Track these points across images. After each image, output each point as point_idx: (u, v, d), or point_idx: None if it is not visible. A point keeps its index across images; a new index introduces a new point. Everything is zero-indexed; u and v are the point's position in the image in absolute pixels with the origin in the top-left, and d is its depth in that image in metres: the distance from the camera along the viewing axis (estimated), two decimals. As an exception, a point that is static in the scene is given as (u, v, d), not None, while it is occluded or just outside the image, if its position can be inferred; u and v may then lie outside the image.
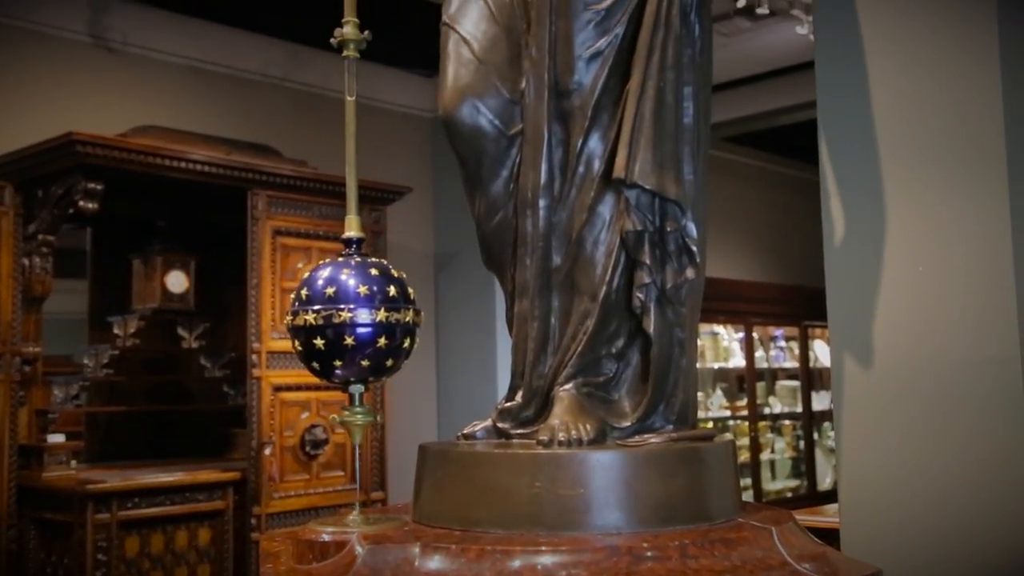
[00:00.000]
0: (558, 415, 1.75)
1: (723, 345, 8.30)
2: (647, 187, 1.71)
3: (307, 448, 5.02)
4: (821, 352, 8.89)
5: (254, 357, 4.88)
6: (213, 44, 5.85)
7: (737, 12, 5.75)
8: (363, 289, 1.66)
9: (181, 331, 5.51)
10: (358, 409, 1.72)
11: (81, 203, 4.46)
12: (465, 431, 1.88)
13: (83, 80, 5.34)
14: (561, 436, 1.68)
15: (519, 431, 1.83)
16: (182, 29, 5.70)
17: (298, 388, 4.98)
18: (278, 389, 4.93)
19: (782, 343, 8.90)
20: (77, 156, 4.33)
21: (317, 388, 4.98)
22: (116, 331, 5.37)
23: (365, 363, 1.67)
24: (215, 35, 5.84)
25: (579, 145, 1.80)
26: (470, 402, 6.41)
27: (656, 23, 1.73)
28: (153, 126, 4.99)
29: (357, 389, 1.73)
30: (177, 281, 5.38)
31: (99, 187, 4.47)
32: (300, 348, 1.69)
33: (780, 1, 5.79)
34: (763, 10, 5.73)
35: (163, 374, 5.51)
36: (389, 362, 1.70)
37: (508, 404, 1.86)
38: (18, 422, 4.52)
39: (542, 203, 1.81)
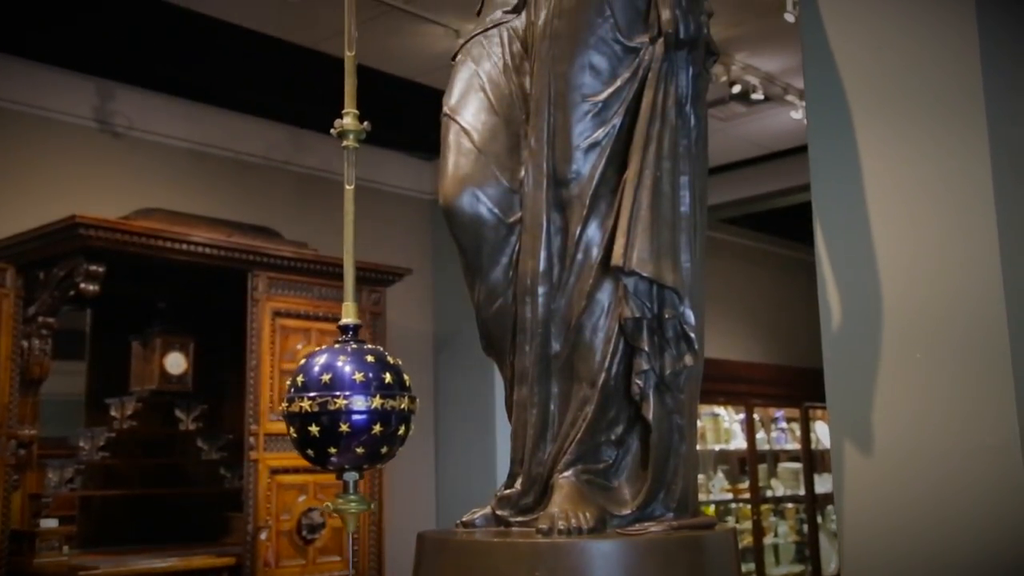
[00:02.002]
0: (558, 503, 1.74)
1: (724, 426, 8.24)
2: (645, 275, 1.73)
3: (304, 532, 4.95)
4: (823, 434, 8.82)
5: (251, 439, 4.85)
6: (216, 128, 5.94)
7: (732, 97, 5.87)
8: (359, 376, 1.66)
9: (179, 413, 5.47)
10: (352, 497, 1.71)
11: (82, 285, 4.47)
12: (464, 519, 1.86)
13: (87, 164, 5.41)
14: (561, 525, 1.67)
15: (519, 519, 1.82)
16: (186, 113, 5.80)
17: (295, 471, 4.93)
18: (275, 472, 4.88)
19: (783, 424, 8.84)
20: (79, 239, 4.36)
21: (314, 471, 4.90)
22: (113, 413, 5.34)
23: (360, 450, 1.66)
24: (218, 119, 5.94)
25: (577, 233, 1.82)
26: (469, 488, 6.34)
27: (652, 115, 1.77)
28: (156, 209, 5.04)
29: (352, 476, 1.71)
30: (176, 362, 5.37)
31: (100, 269, 4.49)
32: (295, 435, 1.69)
33: (774, 87, 5.91)
34: (758, 96, 5.86)
35: (159, 457, 5.46)
36: (384, 449, 1.69)
37: (507, 491, 1.85)
38: (11, 506, 4.46)
39: (541, 290, 1.83)
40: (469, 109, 1.91)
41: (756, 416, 8.45)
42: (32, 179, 5.15)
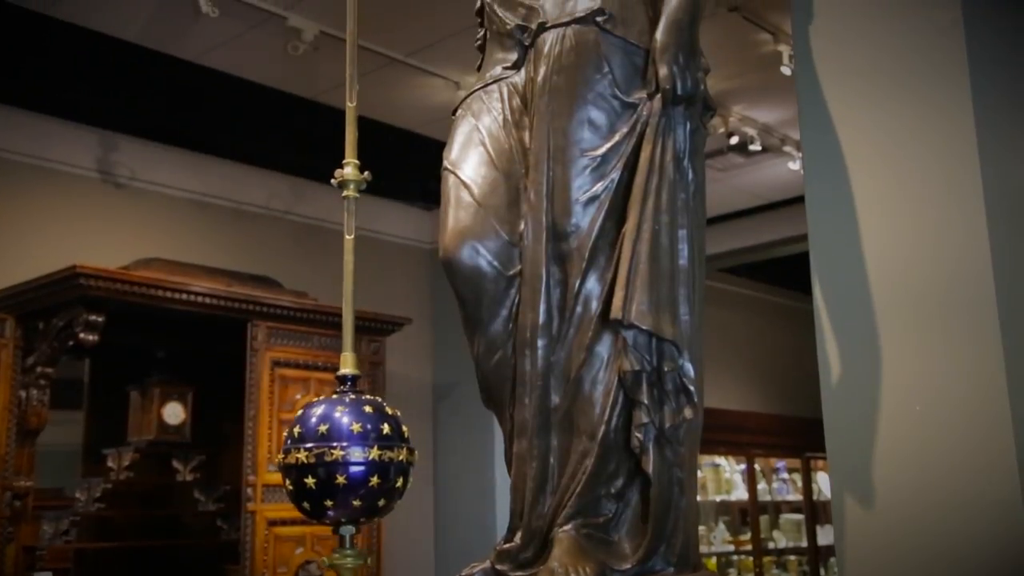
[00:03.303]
0: (557, 557, 1.72)
1: (725, 477, 8.18)
2: (644, 327, 1.74)
3: (301, 586, 4.90)
4: (825, 484, 8.75)
5: (249, 490, 4.81)
6: (217, 178, 5.98)
7: (731, 148, 5.92)
8: (356, 427, 1.64)
9: (176, 463, 5.44)
10: (348, 552, 1.69)
11: (82, 335, 4.47)
12: (464, 573, 1.85)
13: (89, 214, 5.44)
14: (561, 580, 1.65)
15: (518, 573, 1.80)
16: (188, 163, 5.85)
17: (293, 523, 4.88)
18: (273, 524, 4.84)
19: (785, 475, 8.78)
20: (79, 289, 4.37)
21: (312, 523, 4.88)
22: (110, 464, 5.31)
23: (357, 503, 1.64)
24: (220, 169, 5.98)
25: (577, 286, 1.83)
26: (468, 541, 6.27)
27: (651, 169, 1.79)
28: (156, 258, 5.06)
29: (348, 530, 1.69)
30: (174, 412, 5.35)
31: (100, 319, 4.49)
32: (291, 487, 1.66)
33: (772, 138, 5.97)
34: (755, 147, 5.90)
35: (156, 508, 5.41)
36: (382, 502, 1.67)
37: (507, 545, 1.84)
38: (5, 559, 4.41)
39: (541, 343, 1.83)
40: (469, 163, 1.93)
41: (757, 466, 8.39)
42: (33, 229, 5.17)
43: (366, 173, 1.81)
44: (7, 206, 5.15)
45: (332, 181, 1.82)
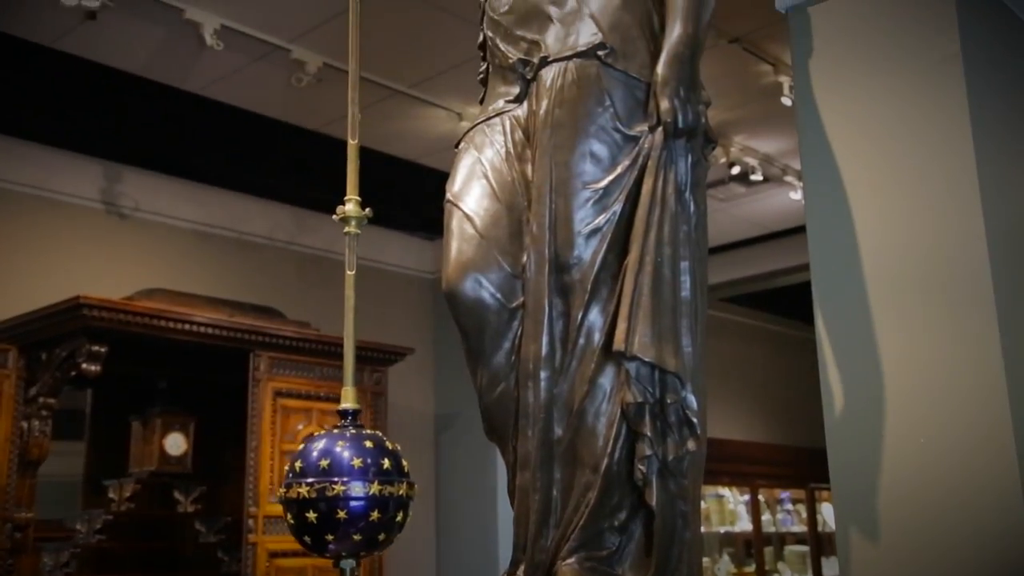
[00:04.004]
0: (561, 591, 1.71)
1: (729, 508, 8.13)
2: (647, 359, 1.73)
3: (302, 618, 4.86)
4: (830, 516, 8.69)
5: (250, 522, 4.79)
6: (221, 209, 6.01)
7: (732, 178, 5.94)
8: (357, 462, 1.65)
9: (177, 495, 5.41)
10: (349, 585, 1.69)
11: (84, 365, 4.47)
12: (466, 607, 1.83)
13: (92, 245, 5.45)
14: (564, 614, 1.64)
15: (521, 607, 1.79)
16: (191, 195, 5.87)
17: (294, 555, 4.85)
18: (274, 555, 4.81)
19: (789, 506, 8.72)
20: (82, 319, 4.37)
21: (314, 555, 4.85)
22: (111, 495, 5.28)
23: (357, 537, 1.65)
24: (223, 200, 6.01)
25: (579, 318, 1.83)
26: (471, 574, 6.22)
27: (652, 201, 1.80)
28: (159, 289, 5.06)
29: (348, 564, 1.69)
30: (175, 443, 5.33)
31: (103, 349, 4.49)
32: (292, 521, 1.68)
33: (773, 168, 5.99)
34: (757, 176, 5.92)
35: (156, 540, 5.38)
36: (382, 536, 1.68)
37: (510, 579, 1.82)
38: (5, 591, 4.39)
39: (543, 375, 1.83)
40: (472, 196, 1.94)
41: (761, 497, 8.34)
42: (37, 260, 5.19)
43: (367, 210, 1.83)
44: (11, 236, 5.17)
45: (334, 217, 1.83)
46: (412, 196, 5.78)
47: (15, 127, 5.17)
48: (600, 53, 1.90)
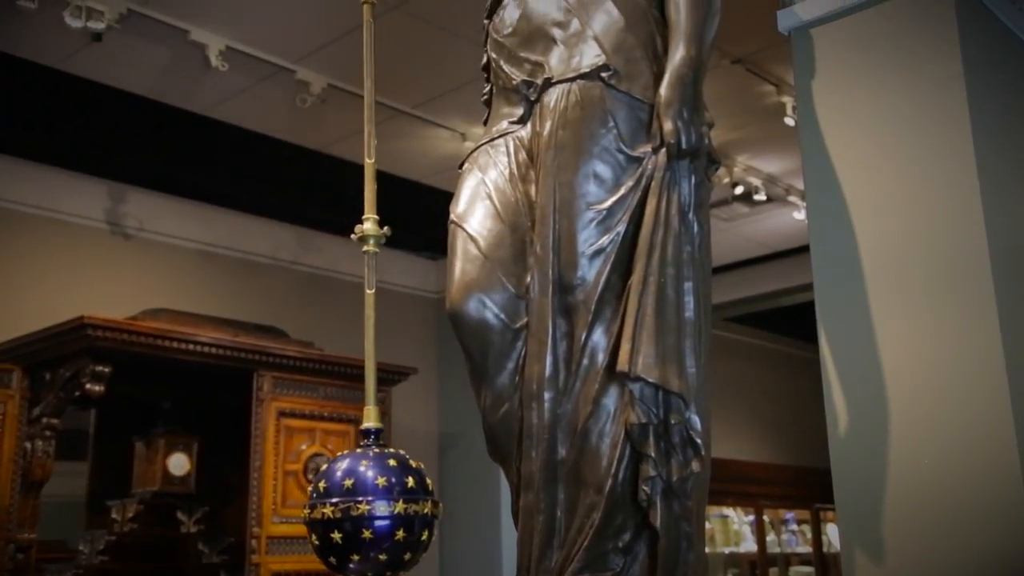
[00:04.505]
0: (565, 612, 1.70)
1: (733, 528, 8.10)
2: (651, 380, 1.73)
3: (305, 640, 4.83)
4: (835, 536, 8.64)
5: (253, 542, 4.77)
6: (224, 228, 6.02)
7: (735, 198, 5.95)
8: (381, 480, 1.65)
9: (180, 515, 5.39)
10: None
11: (88, 386, 4.46)
12: (470, 628, 1.83)
13: (97, 265, 5.46)
14: (568, 636, 1.63)
15: (525, 629, 1.78)
16: (195, 215, 5.89)
17: (297, 575, 4.83)
18: (277, 576, 4.79)
19: (794, 527, 8.68)
20: (86, 339, 4.37)
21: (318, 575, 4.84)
22: (114, 515, 5.26)
23: (383, 557, 1.66)
24: (226, 220, 6.02)
25: (583, 338, 1.83)
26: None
27: (656, 222, 1.80)
28: (163, 309, 5.06)
29: (374, 585, 1.69)
30: (179, 464, 5.32)
31: (106, 370, 4.49)
32: (316, 542, 1.68)
33: (776, 188, 5.99)
34: (760, 196, 5.93)
35: (159, 561, 5.35)
36: (407, 556, 1.68)
37: (514, 601, 1.82)
38: (7, 612, 4.37)
39: (547, 395, 1.83)
40: (476, 216, 1.95)
41: (766, 518, 8.30)
42: (42, 280, 5.20)
43: (385, 228, 1.84)
44: (16, 257, 5.18)
45: (352, 236, 1.85)
46: (416, 216, 5.78)
47: (21, 148, 5.19)
48: (604, 75, 1.90)
